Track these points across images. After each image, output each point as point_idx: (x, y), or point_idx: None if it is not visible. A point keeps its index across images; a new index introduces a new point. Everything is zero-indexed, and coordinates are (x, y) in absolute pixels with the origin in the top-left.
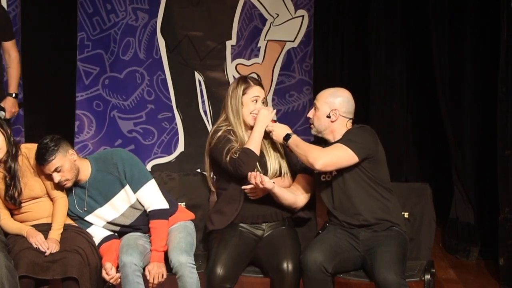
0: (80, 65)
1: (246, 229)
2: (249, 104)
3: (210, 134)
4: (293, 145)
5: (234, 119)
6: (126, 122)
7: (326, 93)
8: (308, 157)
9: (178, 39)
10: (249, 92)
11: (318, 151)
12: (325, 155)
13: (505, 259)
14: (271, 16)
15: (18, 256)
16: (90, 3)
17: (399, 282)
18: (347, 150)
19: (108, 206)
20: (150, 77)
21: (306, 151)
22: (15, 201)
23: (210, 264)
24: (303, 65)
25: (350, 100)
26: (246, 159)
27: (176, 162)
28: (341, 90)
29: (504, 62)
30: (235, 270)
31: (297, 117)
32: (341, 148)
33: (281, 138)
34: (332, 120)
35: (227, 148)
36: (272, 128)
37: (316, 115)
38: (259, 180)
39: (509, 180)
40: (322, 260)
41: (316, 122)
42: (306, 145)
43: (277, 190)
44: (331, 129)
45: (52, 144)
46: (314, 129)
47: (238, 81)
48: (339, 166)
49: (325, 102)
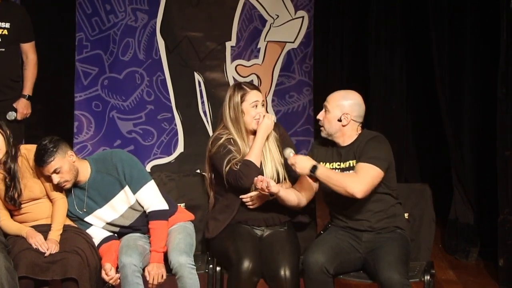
0: (78, 66)
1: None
2: (250, 111)
3: (211, 141)
4: (324, 177)
5: (234, 128)
6: (126, 122)
7: (338, 96)
8: (346, 188)
9: (177, 40)
10: (247, 99)
11: (353, 180)
12: (361, 182)
13: (505, 260)
14: (271, 17)
15: (18, 257)
16: (89, 3)
17: (403, 282)
18: (376, 169)
19: (107, 207)
20: (149, 78)
21: (341, 182)
22: (15, 202)
23: (234, 259)
24: (303, 66)
25: (362, 104)
26: (247, 172)
27: (176, 162)
28: (352, 93)
29: (504, 63)
30: (259, 263)
31: (297, 118)
32: (371, 169)
33: (307, 170)
34: (343, 124)
35: (228, 158)
36: (295, 161)
37: (327, 117)
38: (265, 185)
39: (508, 181)
40: (323, 261)
41: (327, 125)
42: (337, 175)
43: (282, 193)
44: (342, 132)
45: (51, 146)
46: (325, 132)
47: (234, 89)
48: (374, 187)
49: (336, 106)
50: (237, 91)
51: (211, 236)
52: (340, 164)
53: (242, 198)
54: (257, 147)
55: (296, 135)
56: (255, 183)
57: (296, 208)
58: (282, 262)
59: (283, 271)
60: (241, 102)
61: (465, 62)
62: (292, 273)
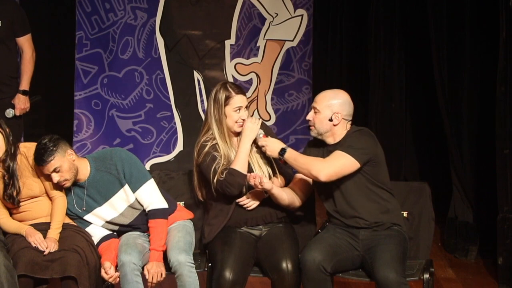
0: (78, 64)
1: (244, 231)
2: (232, 115)
3: (197, 149)
4: (291, 160)
5: (218, 130)
6: (125, 121)
7: (327, 96)
8: (311, 170)
9: (177, 38)
10: (231, 103)
11: (320, 163)
12: (328, 166)
13: (504, 258)
14: (270, 15)
15: (17, 255)
16: (89, 2)
17: (399, 280)
18: (349, 157)
19: (107, 205)
20: (149, 76)
21: (307, 164)
22: (13, 200)
23: (218, 269)
24: (302, 65)
25: (350, 103)
26: (232, 181)
27: (175, 161)
28: (341, 93)
29: (503, 62)
30: (243, 272)
31: (296, 116)
32: (342, 157)
33: (276, 153)
34: (334, 124)
35: (213, 168)
36: (266, 143)
37: (318, 118)
38: (258, 181)
39: (507, 179)
40: (321, 260)
41: (318, 125)
42: (304, 158)
43: (275, 191)
44: (332, 131)
45: (51, 145)
46: (315, 131)
47: (220, 88)
48: (343, 175)
49: (327, 106)
50: (223, 91)
51: (206, 242)
52: None
53: (238, 201)
54: (241, 152)
55: (296, 134)
56: (248, 180)
57: (290, 208)
58: (284, 255)
59: (285, 263)
60: (225, 105)
61: (464, 62)
62: (294, 266)
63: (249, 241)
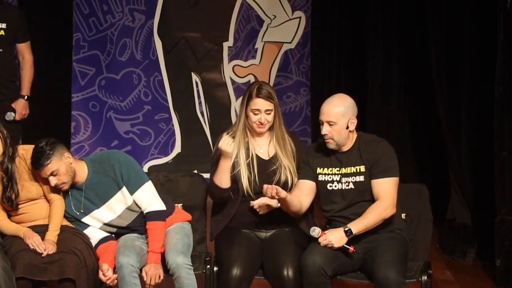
0: (75, 66)
1: (249, 232)
2: (250, 115)
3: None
4: (363, 228)
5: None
6: (123, 123)
7: (335, 105)
8: (384, 218)
9: (175, 40)
10: (250, 104)
11: (382, 206)
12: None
13: (502, 260)
14: (268, 17)
15: (15, 258)
16: (86, 4)
17: (399, 280)
18: (394, 179)
19: (104, 207)
20: (147, 78)
21: (376, 219)
22: (12, 202)
23: (225, 266)
24: (300, 67)
25: (355, 103)
26: (210, 192)
27: (173, 163)
28: (344, 96)
29: (501, 63)
30: (250, 269)
31: (295, 119)
32: (390, 183)
33: (344, 238)
34: (350, 130)
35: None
36: (328, 240)
37: (335, 130)
38: (275, 192)
39: (505, 181)
40: (321, 263)
41: (337, 137)
42: (369, 219)
43: (288, 198)
44: (350, 138)
45: (48, 148)
46: (333, 144)
47: (250, 86)
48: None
49: (340, 115)
50: (249, 90)
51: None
52: (340, 169)
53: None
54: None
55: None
56: (264, 192)
57: (297, 214)
58: (285, 261)
59: (286, 271)
60: (247, 104)
61: (463, 63)
62: (294, 273)
63: (255, 241)
